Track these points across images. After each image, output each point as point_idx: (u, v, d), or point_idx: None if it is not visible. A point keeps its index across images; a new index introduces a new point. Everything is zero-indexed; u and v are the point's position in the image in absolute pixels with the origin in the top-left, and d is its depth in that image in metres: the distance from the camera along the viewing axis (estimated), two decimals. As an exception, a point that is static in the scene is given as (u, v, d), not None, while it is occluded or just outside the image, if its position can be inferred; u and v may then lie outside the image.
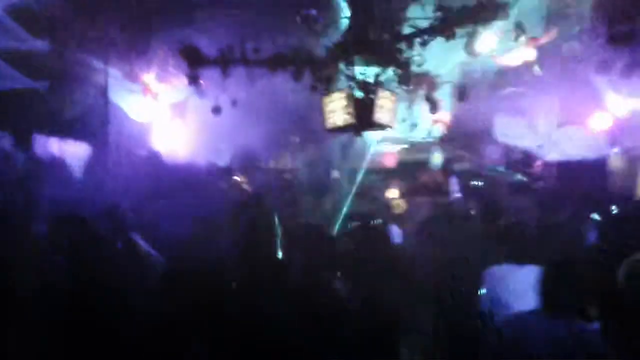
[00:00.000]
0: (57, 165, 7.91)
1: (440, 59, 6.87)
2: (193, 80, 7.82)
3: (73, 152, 8.05)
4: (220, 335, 2.78)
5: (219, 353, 2.75)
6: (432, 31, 5.31)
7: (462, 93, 5.89)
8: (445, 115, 9.11)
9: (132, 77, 8.35)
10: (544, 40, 5.51)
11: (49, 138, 7.73)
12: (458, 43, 5.82)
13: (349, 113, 5.55)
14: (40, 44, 6.38)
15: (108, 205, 6.34)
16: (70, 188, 7.87)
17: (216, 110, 8.21)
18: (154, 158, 9.22)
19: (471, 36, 5.48)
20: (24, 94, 6.55)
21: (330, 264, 3.59)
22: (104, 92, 7.98)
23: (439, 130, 9.72)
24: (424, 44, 5.32)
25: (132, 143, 9.15)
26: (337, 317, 3.08)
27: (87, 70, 7.64)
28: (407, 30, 5.52)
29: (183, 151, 9.91)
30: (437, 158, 10.91)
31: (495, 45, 5.65)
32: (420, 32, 5.34)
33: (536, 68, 6.07)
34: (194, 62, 6.82)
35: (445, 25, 5.24)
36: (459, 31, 5.34)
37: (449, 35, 5.33)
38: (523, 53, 5.67)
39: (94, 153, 8.36)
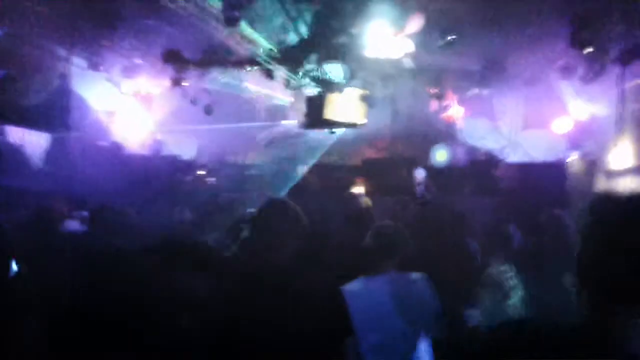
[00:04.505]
0: (17, 154, 7.72)
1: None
2: (176, 82, 7.79)
3: (34, 141, 7.87)
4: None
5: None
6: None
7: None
8: (458, 110, 9.16)
9: (96, 67, 8.19)
10: (408, 30, 5.43)
11: (8, 126, 7.54)
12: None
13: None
14: (-2, 30, 6.21)
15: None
16: (31, 178, 7.70)
17: (208, 110, 8.20)
18: (117, 149, 9.08)
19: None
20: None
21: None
22: (66, 81, 7.80)
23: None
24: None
25: (96, 133, 8.99)
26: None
27: (49, 58, 7.46)
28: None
29: (147, 143, 9.79)
30: (441, 155, 10.98)
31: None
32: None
33: (407, 60, 6.00)
34: (177, 66, 6.79)
35: None
36: None
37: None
38: (399, 45, 5.56)
39: (56, 143, 8.18)
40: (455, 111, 9.34)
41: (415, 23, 5.22)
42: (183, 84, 8.15)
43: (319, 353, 2.43)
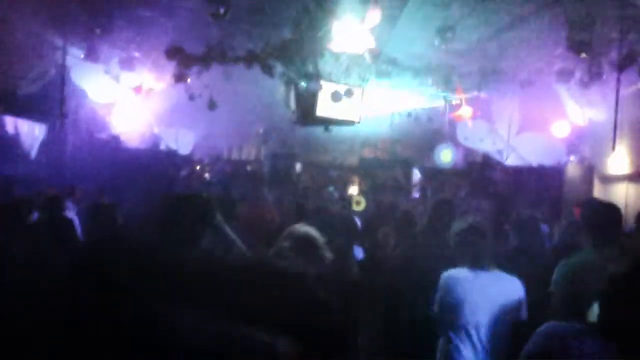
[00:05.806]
0: (10, 143, 7.72)
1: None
2: (179, 78, 7.73)
3: (27, 130, 7.87)
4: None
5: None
6: None
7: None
8: (467, 111, 9.04)
9: (93, 57, 8.15)
10: (368, 22, 5.25)
11: (2, 116, 7.54)
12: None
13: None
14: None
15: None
16: (24, 167, 7.71)
17: (211, 104, 8.13)
18: (114, 142, 9.07)
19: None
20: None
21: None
22: (62, 70, 7.76)
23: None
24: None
25: (91, 124, 8.98)
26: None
27: (44, 47, 7.42)
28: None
29: (144, 136, 9.77)
30: (446, 155, 10.92)
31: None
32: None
33: (367, 57, 5.84)
34: (180, 62, 6.74)
35: None
36: None
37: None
38: (360, 40, 5.39)
39: (50, 133, 8.18)
40: (464, 111, 9.20)
41: (375, 15, 5.09)
42: (186, 79, 8.07)
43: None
